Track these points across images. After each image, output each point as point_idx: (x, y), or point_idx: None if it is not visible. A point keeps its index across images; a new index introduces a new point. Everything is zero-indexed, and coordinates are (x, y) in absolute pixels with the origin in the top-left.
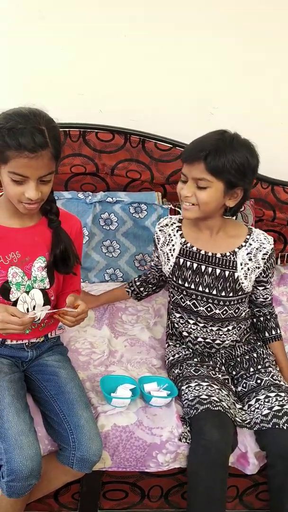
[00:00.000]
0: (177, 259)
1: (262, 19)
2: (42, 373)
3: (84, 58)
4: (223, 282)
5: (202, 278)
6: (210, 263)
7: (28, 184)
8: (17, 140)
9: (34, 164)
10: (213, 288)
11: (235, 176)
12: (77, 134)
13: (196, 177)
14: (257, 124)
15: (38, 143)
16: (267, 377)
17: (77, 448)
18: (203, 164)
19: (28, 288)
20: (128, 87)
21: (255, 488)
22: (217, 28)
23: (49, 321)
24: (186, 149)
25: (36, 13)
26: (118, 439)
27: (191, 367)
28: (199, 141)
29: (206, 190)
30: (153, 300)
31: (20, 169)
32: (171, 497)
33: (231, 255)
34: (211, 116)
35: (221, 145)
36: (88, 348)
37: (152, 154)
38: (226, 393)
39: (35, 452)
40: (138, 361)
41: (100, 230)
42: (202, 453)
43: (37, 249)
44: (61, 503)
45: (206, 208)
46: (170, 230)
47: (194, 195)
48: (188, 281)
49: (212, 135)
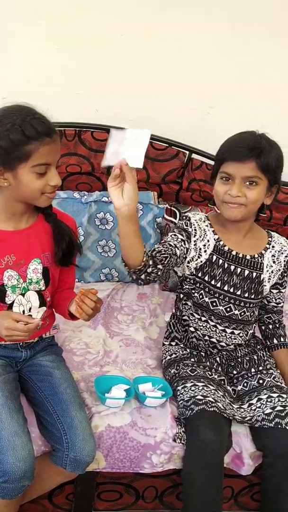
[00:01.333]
0: (211, 256)
1: (260, 19)
2: (36, 373)
3: (80, 58)
4: (250, 283)
5: (231, 278)
6: (239, 264)
7: (50, 171)
8: (35, 129)
9: (54, 148)
10: (239, 289)
11: (277, 173)
12: (73, 133)
13: (247, 175)
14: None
15: (51, 127)
16: (269, 378)
17: (71, 449)
18: (255, 162)
19: (24, 290)
20: (124, 87)
21: (250, 488)
22: (214, 27)
23: (44, 322)
24: (230, 148)
25: (33, 13)
26: (112, 440)
27: (187, 367)
28: (241, 140)
29: (256, 189)
30: (148, 300)
31: (44, 157)
32: (166, 498)
33: (259, 257)
34: (208, 115)
35: (264, 143)
36: (83, 348)
37: (148, 153)
38: (222, 393)
39: (28, 453)
40: (133, 361)
41: (96, 229)
42: (196, 454)
43: (32, 251)
44: (55, 504)
45: (254, 207)
46: (204, 226)
47: (244, 195)
48: (216, 279)
49: (246, 134)
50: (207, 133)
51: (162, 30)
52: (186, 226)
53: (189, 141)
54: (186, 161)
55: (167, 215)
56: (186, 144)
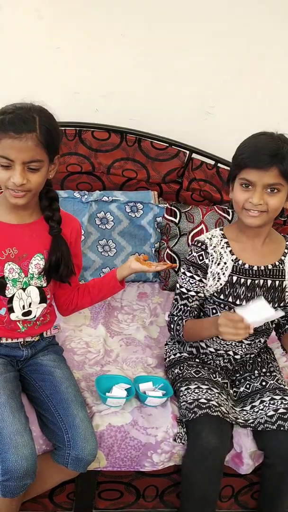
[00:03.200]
0: (230, 278)
1: (259, 19)
2: (37, 373)
3: (81, 57)
4: (273, 292)
5: (254, 292)
6: (262, 276)
7: (14, 169)
8: (4, 121)
9: (18, 146)
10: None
11: None
12: (73, 133)
13: (270, 182)
14: (254, 124)
15: (24, 124)
16: (272, 380)
17: (72, 447)
18: (278, 169)
19: (25, 285)
20: (124, 86)
21: (250, 487)
22: (214, 27)
23: (44, 319)
24: (251, 155)
25: (33, 12)
26: (113, 439)
27: (191, 368)
28: (261, 146)
29: (278, 196)
30: (149, 299)
31: (5, 150)
32: (166, 497)
33: (280, 264)
34: (208, 115)
35: (286, 148)
36: (83, 347)
37: (149, 153)
38: (225, 397)
39: (30, 452)
40: (134, 360)
41: (96, 229)
42: (198, 458)
43: (35, 246)
44: (56, 503)
45: (275, 214)
46: (220, 249)
47: (266, 203)
48: (241, 298)
49: (266, 138)
50: (208, 133)
51: (162, 30)
52: (201, 259)
53: (190, 141)
54: (186, 161)
55: (168, 215)
56: (187, 144)
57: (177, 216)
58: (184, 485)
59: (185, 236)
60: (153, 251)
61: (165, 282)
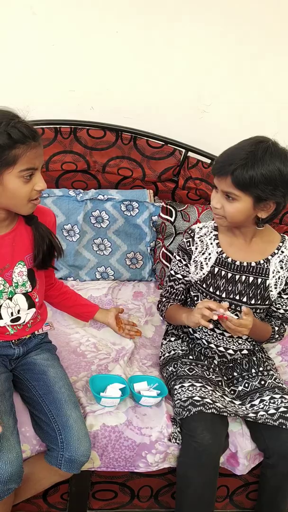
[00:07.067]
0: (212, 268)
1: (256, 17)
2: (31, 372)
3: (76, 55)
4: (255, 289)
5: (235, 286)
6: (243, 272)
7: (36, 176)
8: (22, 133)
9: (40, 152)
10: (244, 296)
11: (263, 191)
12: (68, 131)
13: (224, 190)
14: (251, 122)
15: (36, 130)
16: (270, 379)
17: (66, 448)
18: (230, 179)
19: (11, 294)
20: (119, 84)
21: (245, 487)
22: (210, 25)
23: (35, 321)
24: (216, 161)
25: (28, 9)
26: (107, 439)
27: (185, 365)
28: (229, 153)
29: (234, 203)
30: (144, 299)
31: (31, 161)
32: (161, 497)
33: (265, 262)
34: (204, 113)
35: (251, 159)
36: (77, 347)
37: (144, 151)
38: (221, 394)
39: (15, 456)
40: (128, 359)
41: (91, 228)
42: (193, 456)
43: (15, 255)
44: (50, 503)
45: (233, 220)
46: (208, 239)
47: (223, 207)
48: (221, 289)
49: (246, 145)
50: (204, 131)
51: (158, 28)
52: (188, 245)
53: (185, 139)
54: (182, 159)
55: (163, 213)
56: (182, 142)
57: (172, 214)
58: (179, 486)
59: (180, 235)
60: (149, 250)
61: (160, 281)
